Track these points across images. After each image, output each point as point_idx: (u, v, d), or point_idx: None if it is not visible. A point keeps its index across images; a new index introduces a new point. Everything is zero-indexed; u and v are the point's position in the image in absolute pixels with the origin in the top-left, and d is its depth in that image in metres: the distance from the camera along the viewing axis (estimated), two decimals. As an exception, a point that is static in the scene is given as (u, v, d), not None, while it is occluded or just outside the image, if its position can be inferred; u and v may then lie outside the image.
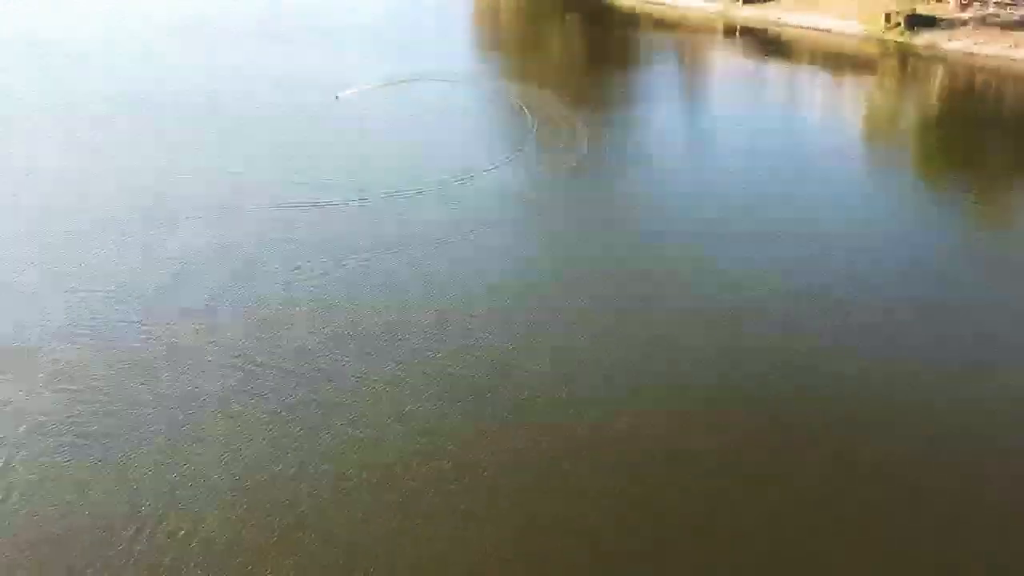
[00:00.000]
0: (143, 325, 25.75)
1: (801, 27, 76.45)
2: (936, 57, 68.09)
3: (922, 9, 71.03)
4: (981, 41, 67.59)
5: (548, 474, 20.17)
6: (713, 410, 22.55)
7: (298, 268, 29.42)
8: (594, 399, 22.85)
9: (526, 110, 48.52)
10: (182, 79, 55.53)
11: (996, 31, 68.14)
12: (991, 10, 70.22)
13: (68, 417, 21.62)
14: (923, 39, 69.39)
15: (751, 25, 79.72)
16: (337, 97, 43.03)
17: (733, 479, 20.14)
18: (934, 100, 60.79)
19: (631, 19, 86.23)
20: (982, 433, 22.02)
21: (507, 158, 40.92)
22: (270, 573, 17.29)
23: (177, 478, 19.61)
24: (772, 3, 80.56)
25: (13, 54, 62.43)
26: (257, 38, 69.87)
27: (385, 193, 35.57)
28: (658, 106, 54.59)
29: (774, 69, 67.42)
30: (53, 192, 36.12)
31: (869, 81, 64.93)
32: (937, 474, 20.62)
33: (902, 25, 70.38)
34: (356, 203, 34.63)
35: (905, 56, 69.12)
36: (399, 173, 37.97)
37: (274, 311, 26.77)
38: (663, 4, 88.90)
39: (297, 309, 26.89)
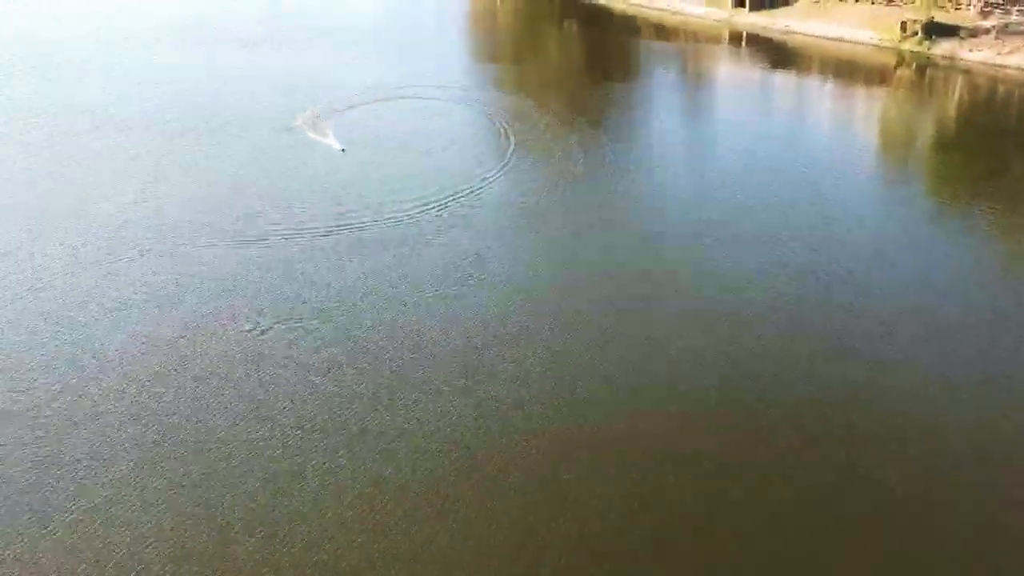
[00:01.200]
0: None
1: (811, 35, 78.81)
2: (956, 68, 70.05)
3: (940, 17, 73.15)
4: (1005, 51, 69.59)
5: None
6: (714, 411, 24.39)
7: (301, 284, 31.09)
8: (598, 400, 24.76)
9: (515, 130, 49.59)
10: (156, 89, 56.78)
11: (1020, 40, 70.19)
12: (1014, 18, 72.38)
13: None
14: (942, 48, 71.45)
15: (757, 33, 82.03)
16: (343, 150, 42.88)
17: (733, 480, 21.82)
18: (953, 113, 62.56)
19: (631, 25, 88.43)
20: (984, 440, 23.72)
21: (490, 177, 42.24)
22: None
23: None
24: (780, 10, 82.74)
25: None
26: (251, 43, 71.33)
27: (370, 218, 36.78)
28: (659, 125, 55.43)
29: (782, 80, 69.37)
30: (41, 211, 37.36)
31: (884, 93, 66.82)
32: (937, 479, 22.27)
33: (919, 34, 72.48)
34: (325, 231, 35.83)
35: (923, 67, 71.07)
36: (384, 195, 39.17)
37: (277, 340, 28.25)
38: (664, 10, 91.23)
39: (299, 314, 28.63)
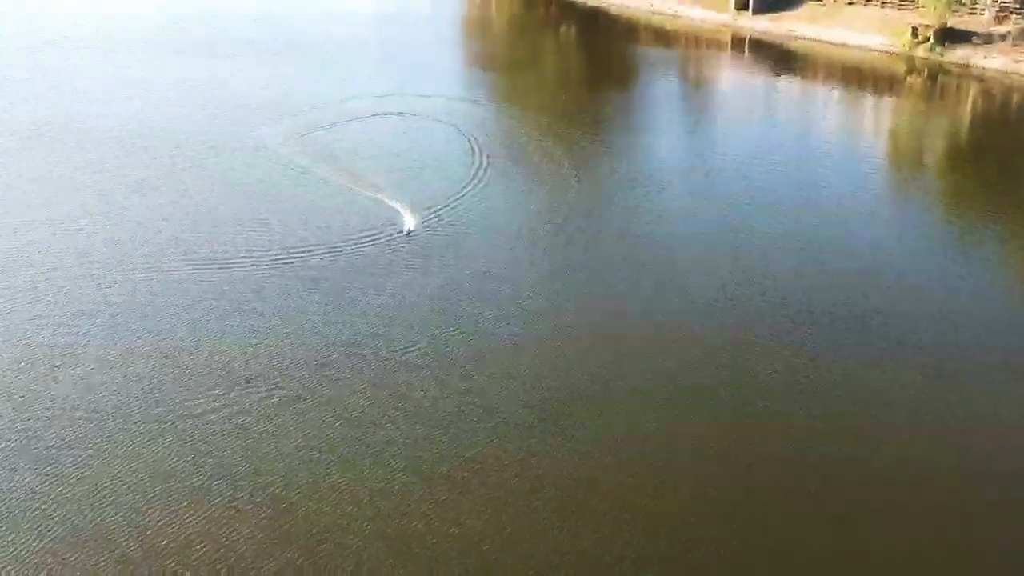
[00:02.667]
0: None
1: (817, 40, 77.49)
2: (970, 75, 68.62)
3: (953, 22, 71.49)
4: (1022, 58, 67.96)
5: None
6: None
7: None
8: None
9: (493, 152, 47.69)
10: (107, 104, 55.02)
11: (1038, 46, 68.68)
12: (1031, 23, 70.71)
13: None
14: (955, 55, 70.02)
15: (761, 38, 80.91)
16: (408, 232, 36.47)
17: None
18: (967, 123, 61.21)
19: (631, 31, 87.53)
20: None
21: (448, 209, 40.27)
22: None
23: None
24: (784, 13, 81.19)
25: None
26: (237, 53, 69.81)
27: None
28: (658, 140, 54.15)
29: (787, 88, 68.11)
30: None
31: (894, 103, 65.86)
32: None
33: (931, 40, 70.98)
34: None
35: (934, 74, 69.68)
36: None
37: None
38: (664, 14, 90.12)
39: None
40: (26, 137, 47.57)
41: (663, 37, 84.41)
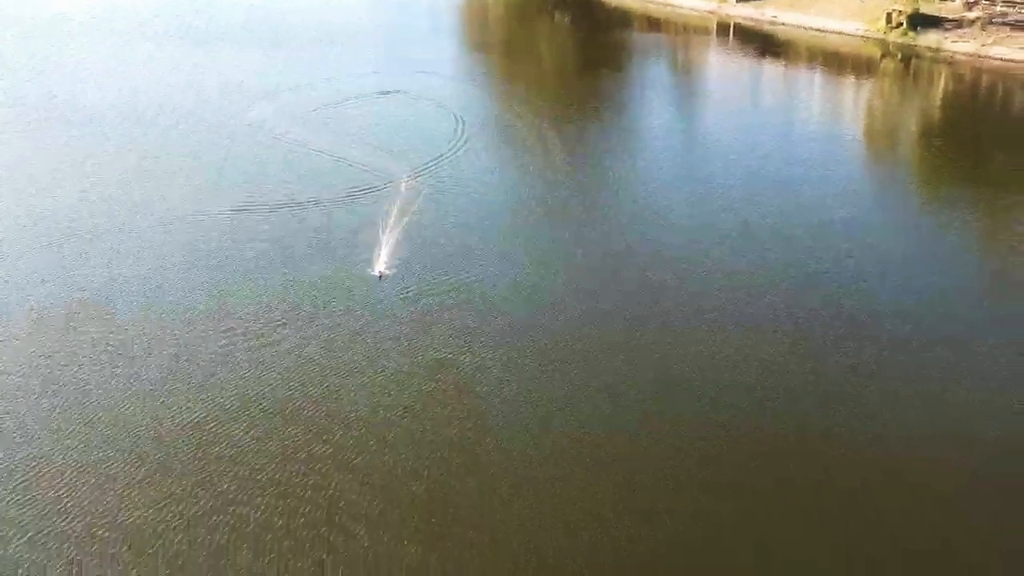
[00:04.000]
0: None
1: (797, 26, 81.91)
2: (941, 59, 72.62)
3: (926, 8, 75.64)
4: (989, 42, 72.07)
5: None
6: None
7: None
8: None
9: (473, 129, 51.61)
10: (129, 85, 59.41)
11: (1005, 31, 72.67)
12: (999, 9, 74.68)
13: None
14: (927, 40, 74.09)
15: (745, 24, 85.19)
16: (380, 276, 36.01)
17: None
18: (938, 105, 65.11)
19: (622, 18, 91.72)
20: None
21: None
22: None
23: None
24: (767, 0, 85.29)
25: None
26: (238, 41, 73.58)
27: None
28: (648, 122, 58.03)
29: (768, 72, 72.49)
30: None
31: (870, 85, 69.88)
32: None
33: (905, 25, 75.14)
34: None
35: (908, 57, 73.73)
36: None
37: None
38: (654, 2, 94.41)
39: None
40: (34, 113, 52.06)
41: (653, 24, 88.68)
